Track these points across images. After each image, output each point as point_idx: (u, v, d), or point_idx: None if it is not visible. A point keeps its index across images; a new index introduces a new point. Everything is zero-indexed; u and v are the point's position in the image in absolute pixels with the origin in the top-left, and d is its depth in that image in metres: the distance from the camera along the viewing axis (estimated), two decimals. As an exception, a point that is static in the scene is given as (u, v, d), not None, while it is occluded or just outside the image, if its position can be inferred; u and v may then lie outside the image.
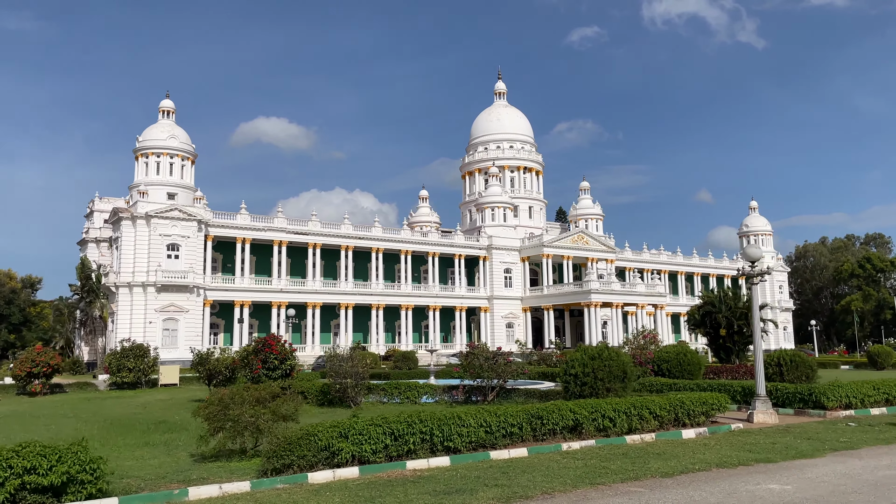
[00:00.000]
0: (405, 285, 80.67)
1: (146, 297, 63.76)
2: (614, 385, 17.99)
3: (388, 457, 12.81)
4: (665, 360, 26.71)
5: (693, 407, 17.27)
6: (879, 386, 22.22)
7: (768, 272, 20.91)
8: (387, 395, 24.64)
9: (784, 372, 23.62)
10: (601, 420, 15.62)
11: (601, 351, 18.38)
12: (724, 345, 43.15)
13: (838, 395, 20.89)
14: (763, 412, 19.44)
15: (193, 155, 69.82)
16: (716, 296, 43.85)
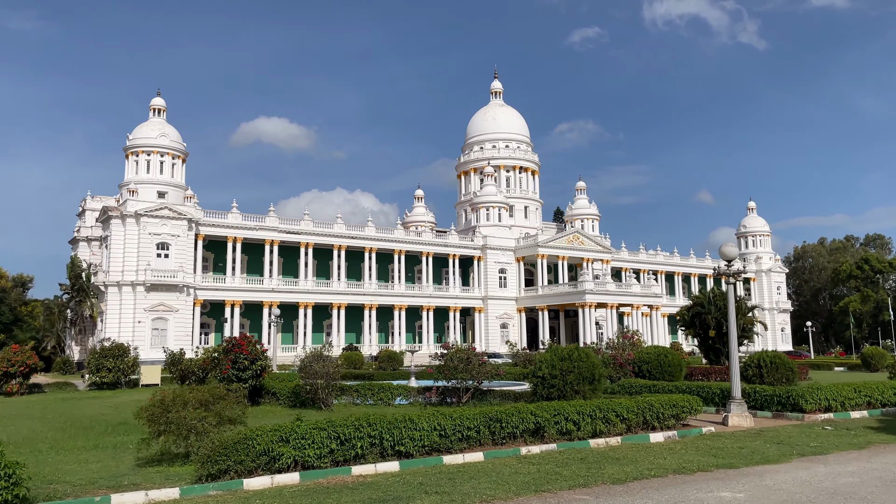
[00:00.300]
0: (398, 285, 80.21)
1: (135, 296, 63.33)
2: (582, 387, 17.50)
3: (334, 462, 12.33)
4: (645, 361, 26.20)
5: (662, 410, 16.78)
6: (860, 388, 21.72)
7: (744, 271, 20.45)
8: (360, 396, 24.15)
9: (764, 374, 23.13)
10: (564, 423, 15.13)
11: (570, 352, 17.90)
12: (713, 346, 42.57)
13: (817, 397, 20.39)
14: (738, 415, 18.95)
15: (184, 153, 69.39)
16: (705, 296, 43.26)
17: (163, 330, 64.27)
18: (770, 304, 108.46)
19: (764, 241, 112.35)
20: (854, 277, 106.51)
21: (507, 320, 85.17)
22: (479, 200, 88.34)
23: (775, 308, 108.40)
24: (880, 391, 22.19)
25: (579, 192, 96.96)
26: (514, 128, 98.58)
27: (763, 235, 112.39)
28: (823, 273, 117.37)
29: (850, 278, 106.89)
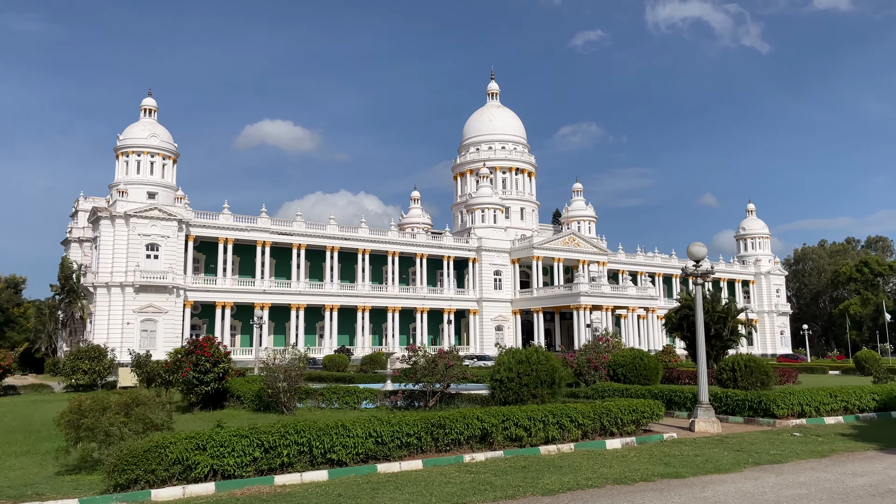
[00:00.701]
0: (392, 287, 79.64)
1: (124, 297, 62.88)
2: (540, 391, 16.87)
3: (258, 471, 11.74)
4: (620, 364, 25.55)
5: (621, 415, 16.15)
6: (837, 393, 21.05)
7: (712, 272, 19.76)
8: (325, 400, 23.55)
9: (738, 378, 22.47)
10: (513, 429, 14.50)
11: (529, 355, 17.26)
12: (701, 349, 41.88)
13: (789, 403, 19.73)
14: (705, 421, 18.31)
15: (175, 154, 68.93)
16: (693, 298, 42.48)
17: (152, 331, 63.80)
18: (769, 307, 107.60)
19: (763, 243, 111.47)
20: (854, 280, 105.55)
21: (502, 322, 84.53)
22: (474, 202, 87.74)
23: (774, 311, 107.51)
24: (857, 396, 21.51)
25: (576, 194, 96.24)
26: (511, 129, 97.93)
27: (762, 238, 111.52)
28: (824, 276, 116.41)
29: (850, 281, 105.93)
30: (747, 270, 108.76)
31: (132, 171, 66.25)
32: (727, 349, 42.48)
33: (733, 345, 42.53)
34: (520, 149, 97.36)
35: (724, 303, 41.87)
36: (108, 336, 61.25)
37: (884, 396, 22.17)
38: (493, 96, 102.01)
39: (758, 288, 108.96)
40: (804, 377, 47.56)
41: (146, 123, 68.33)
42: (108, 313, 62.76)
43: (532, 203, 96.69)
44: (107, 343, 58.77)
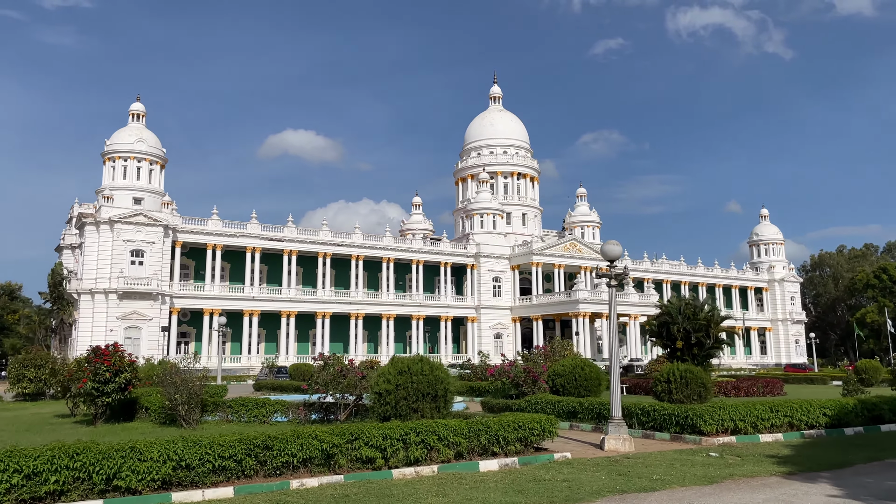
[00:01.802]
0: (386, 294, 78.10)
1: (108, 304, 61.95)
2: (422, 405, 15.10)
3: (18, 501, 10.13)
4: (559, 374, 23.67)
5: (504, 433, 14.35)
6: (779, 408, 19.03)
7: (626, 272, 17.90)
8: (234, 413, 21.96)
9: (673, 390, 20.51)
10: (364, 450, 12.76)
11: (412, 364, 15.53)
12: (681, 357, 39.77)
13: (718, 418, 17.78)
14: (615, 438, 16.44)
15: (163, 159, 68.01)
16: (674, 305, 40.42)
17: (136, 339, 62.67)
18: (783, 315, 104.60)
19: (777, 249, 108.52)
20: (871, 287, 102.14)
21: (502, 330, 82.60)
22: (473, 207, 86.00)
23: (789, 319, 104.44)
24: (805, 411, 19.48)
25: (580, 199, 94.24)
26: (513, 133, 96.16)
27: (776, 244, 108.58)
28: (841, 283, 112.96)
29: (868, 288, 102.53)
30: (760, 277, 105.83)
31: (118, 177, 65.42)
32: (710, 358, 40.39)
33: (716, 353, 40.37)
34: (522, 153, 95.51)
35: (706, 310, 39.71)
36: (91, 343, 60.01)
37: (836, 412, 20.12)
38: (496, 100, 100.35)
39: (771, 295, 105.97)
40: (799, 388, 45.09)
41: (133, 128, 67.49)
42: (91, 320, 61.86)
43: (534, 209, 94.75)
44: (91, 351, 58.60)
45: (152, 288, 62.82)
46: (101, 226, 62.92)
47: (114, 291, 61.76)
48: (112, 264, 62.42)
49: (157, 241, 64.19)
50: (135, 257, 63.50)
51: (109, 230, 62.91)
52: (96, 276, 62.38)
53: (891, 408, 21.50)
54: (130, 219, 63.19)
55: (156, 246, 64.19)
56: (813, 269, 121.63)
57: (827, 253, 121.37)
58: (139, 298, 62.70)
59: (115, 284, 61.74)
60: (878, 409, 21.17)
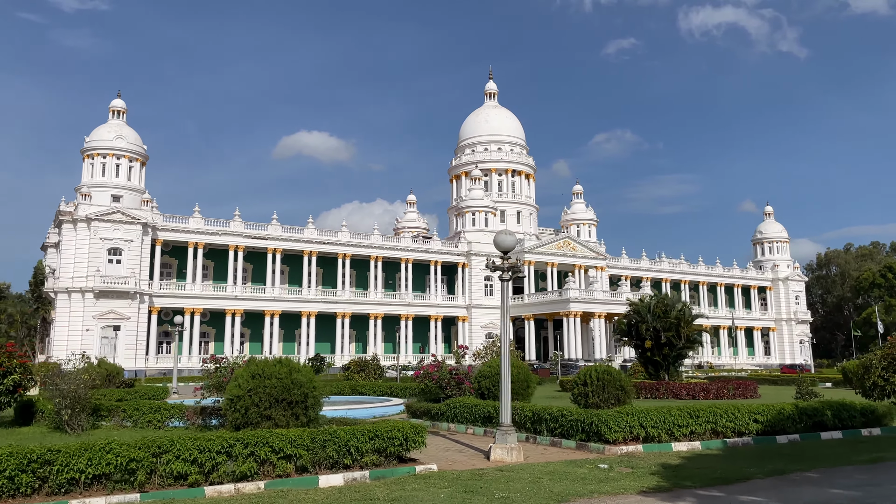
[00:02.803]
0: (374, 293, 76.75)
1: (84, 303, 61.00)
2: (275, 412, 13.63)
3: None
4: (485, 376, 22.09)
5: (357, 443, 12.83)
6: (700, 413, 17.38)
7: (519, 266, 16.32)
8: (129, 417, 20.57)
9: (589, 393, 18.90)
10: (176, 464, 11.29)
11: (267, 366, 14.08)
12: (651, 358, 38.13)
13: (625, 425, 16.19)
14: (501, 447, 14.91)
15: (144, 156, 67.03)
16: (643, 303, 38.74)
17: (113, 339, 61.80)
18: (787, 315, 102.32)
19: (782, 247, 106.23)
20: (878, 286, 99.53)
21: (493, 330, 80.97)
22: (464, 205, 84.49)
23: (793, 319, 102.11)
24: (731, 417, 17.81)
25: (576, 196, 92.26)
26: (508, 130, 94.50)
27: (781, 242, 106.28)
28: (848, 281, 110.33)
29: (874, 287, 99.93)
30: (764, 276, 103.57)
31: (97, 174, 64.53)
32: (682, 358, 38.70)
33: (688, 354, 38.64)
34: (517, 150, 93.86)
35: (677, 308, 37.99)
36: (67, 343, 59.45)
37: (770, 418, 18.42)
38: (491, 96, 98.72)
39: (775, 294, 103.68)
40: (780, 391, 42.93)
41: (113, 125, 66.55)
42: (68, 320, 60.99)
43: (530, 206, 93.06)
44: (67, 350, 57.69)
45: (130, 287, 61.82)
46: (79, 224, 62.02)
47: (90, 290, 60.84)
48: (89, 263, 61.51)
49: (135, 240, 63.18)
50: (112, 256, 62.55)
51: (87, 228, 62.00)
52: (73, 274, 61.50)
53: (835, 413, 19.78)
54: (108, 216, 62.23)
55: (134, 244, 63.19)
56: (820, 268, 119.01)
57: (834, 251, 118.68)
58: (116, 297, 61.73)
59: (91, 283, 60.81)
60: (819, 414, 19.45)
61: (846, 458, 15.35)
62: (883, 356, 25.66)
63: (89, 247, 61.85)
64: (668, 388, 35.63)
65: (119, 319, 61.82)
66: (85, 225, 61.96)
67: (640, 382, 37.45)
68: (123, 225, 62.70)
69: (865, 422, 20.52)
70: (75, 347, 58.80)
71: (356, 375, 40.99)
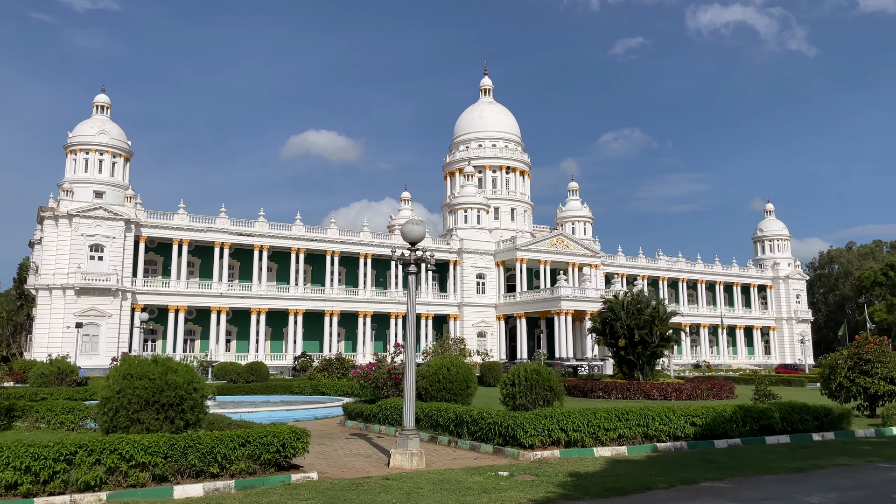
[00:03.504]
0: (364, 291, 75.76)
1: (65, 300, 60.28)
2: (146, 416, 12.60)
3: None
4: (422, 376, 21.00)
5: (225, 450, 11.81)
6: (630, 416, 16.29)
7: (427, 258, 15.26)
8: (42, 418, 19.63)
9: (516, 394, 17.81)
10: (6, 472, 10.29)
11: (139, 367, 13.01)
12: (625, 357, 36.98)
13: (543, 428, 15.13)
14: (402, 453, 13.87)
15: (128, 152, 66.27)
16: (617, 301, 37.59)
17: (94, 336, 61.07)
18: (788, 314, 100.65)
19: (783, 245, 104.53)
20: (879, 285, 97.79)
21: (485, 328, 79.90)
22: (456, 202, 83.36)
23: (794, 318, 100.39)
24: (664, 419, 16.72)
25: (571, 193, 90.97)
26: (502, 126, 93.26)
27: (781, 240, 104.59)
28: (850, 280, 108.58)
29: (875, 286, 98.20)
30: (764, 275, 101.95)
31: (80, 170, 63.78)
32: (657, 357, 37.52)
33: (663, 353, 37.46)
34: (512, 146, 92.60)
35: (652, 306, 36.82)
36: (48, 341, 58.86)
37: (708, 420, 17.31)
38: (486, 92, 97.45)
39: (775, 293, 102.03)
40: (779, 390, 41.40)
41: (96, 120, 65.80)
42: (49, 317, 60.27)
43: (525, 203, 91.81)
44: (47, 348, 57.05)
45: (111, 284, 61.07)
46: (60, 220, 61.35)
47: (71, 287, 60.11)
48: (70, 260, 60.79)
49: (117, 236, 62.39)
50: (94, 252, 61.77)
51: (68, 224, 61.32)
52: (54, 271, 60.78)
53: (784, 416, 18.65)
54: (89, 213, 61.48)
55: (116, 241, 62.39)
56: (822, 267, 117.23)
57: (836, 250, 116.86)
58: (98, 294, 60.96)
59: (72, 280, 60.06)
60: (766, 417, 18.33)
61: (777, 465, 14.25)
62: (849, 356, 24.54)
63: (70, 243, 61.14)
64: (639, 389, 34.51)
65: (100, 317, 61.07)
66: (66, 221, 61.27)
67: (612, 382, 36.39)
68: (105, 221, 61.94)
69: (819, 425, 19.41)
70: (56, 345, 58.36)
71: (319, 374, 39.97)
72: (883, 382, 23.37)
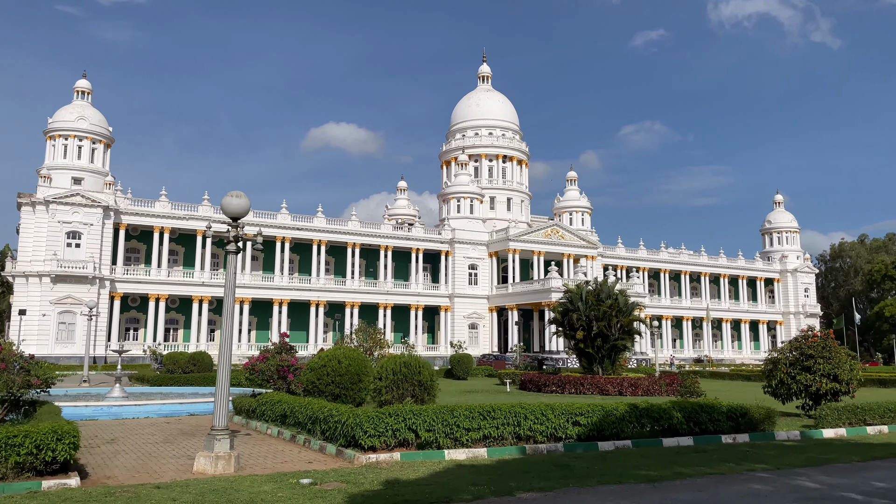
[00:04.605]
0: (352, 281, 74.39)
1: (42, 288, 59.53)
2: None
3: None
4: (311, 368, 19.39)
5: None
6: (495, 413, 14.61)
7: (251, 236, 13.69)
8: None
9: (383, 389, 16.18)
10: None
11: None
12: (584, 350, 35.20)
13: (386, 428, 13.50)
14: (206, 456, 12.32)
15: (108, 138, 65.35)
16: (575, 291, 35.80)
17: (70, 324, 60.34)
18: (795, 308, 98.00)
19: (791, 238, 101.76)
20: (891, 279, 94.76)
21: (477, 320, 78.23)
22: (449, 191, 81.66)
23: (801, 312, 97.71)
24: (540, 418, 15.00)
25: (570, 183, 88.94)
26: (500, 114, 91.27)
27: (790, 232, 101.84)
28: (861, 274, 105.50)
29: (886, 279, 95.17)
30: (771, 268, 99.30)
31: (58, 156, 62.96)
32: (618, 352, 35.66)
33: (624, 346, 35.61)
34: (509, 135, 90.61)
35: (613, 297, 35.00)
36: (24, 329, 58.00)
37: (595, 420, 15.59)
38: (485, 80, 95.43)
39: (783, 287, 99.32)
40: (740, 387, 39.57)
41: (76, 106, 64.87)
42: (26, 304, 59.47)
43: (521, 193, 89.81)
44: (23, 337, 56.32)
45: (88, 272, 60.25)
46: (38, 207, 60.64)
47: (47, 275, 59.34)
48: (47, 246, 60.03)
49: (95, 223, 61.52)
50: (71, 239, 60.98)
51: (45, 211, 60.59)
52: (31, 258, 60.11)
53: (688, 416, 16.87)
54: (66, 199, 60.65)
55: (94, 228, 61.53)
56: (832, 260, 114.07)
57: (848, 243, 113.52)
58: (74, 282, 60.16)
59: (48, 267, 59.27)
60: (666, 417, 16.57)
61: (642, 472, 12.49)
62: (791, 350, 22.63)
63: (48, 230, 60.41)
64: (592, 383, 32.85)
65: (77, 305, 60.11)
66: (44, 208, 60.53)
67: (568, 376, 34.74)
68: (83, 208, 61.08)
69: (735, 426, 17.60)
70: (32, 333, 57.74)
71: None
72: (825, 380, 21.42)
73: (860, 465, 13.71)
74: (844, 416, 19.48)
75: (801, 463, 13.80)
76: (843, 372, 21.42)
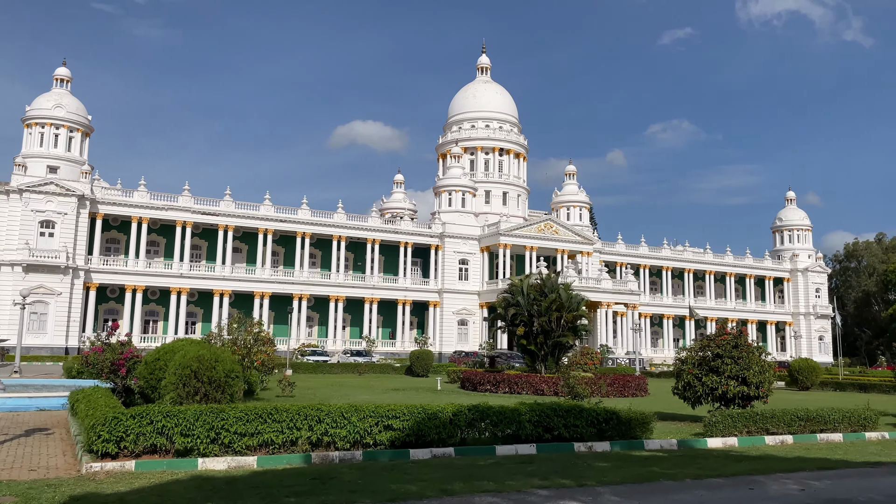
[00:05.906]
0: (337, 274, 72.81)
1: (14, 277, 58.71)
2: None
3: None
4: (145, 362, 17.66)
5: None
6: (280, 416, 12.71)
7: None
8: None
9: (169, 387, 14.33)
10: None
11: None
12: (526, 348, 33.18)
13: (121, 432, 11.69)
14: None
15: (87, 127, 64.45)
16: (517, 285, 33.77)
17: (42, 314, 59.49)
18: (806, 309, 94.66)
19: (803, 236, 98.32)
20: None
21: (467, 316, 76.29)
22: (441, 184, 79.70)
23: (812, 313, 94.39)
24: (339, 421, 13.07)
25: (568, 178, 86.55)
26: (498, 106, 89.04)
27: (802, 230, 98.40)
28: (876, 275, 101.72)
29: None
30: (781, 267, 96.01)
31: (35, 144, 62.14)
32: (563, 349, 33.57)
33: (570, 344, 33.49)
34: (506, 127, 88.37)
35: (557, 292, 32.93)
36: (-6, 317, 57.43)
37: (411, 423, 13.64)
38: (483, 71, 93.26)
39: (793, 286, 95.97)
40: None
41: (54, 94, 64.01)
42: (-2, 294, 58.78)
43: (518, 188, 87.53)
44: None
45: (61, 261, 59.35)
46: (12, 195, 59.88)
47: (18, 264, 58.53)
48: (20, 235, 59.24)
49: (69, 213, 60.61)
50: (45, 229, 60.19)
51: (19, 199, 59.75)
52: (4, 247, 59.34)
53: (537, 420, 14.88)
54: (40, 188, 59.82)
55: (69, 217, 60.64)
56: (846, 260, 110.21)
57: (863, 242, 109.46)
58: (47, 272, 59.31)
59: (19, 256, 58.48)
60: (509, 421, 14.58)
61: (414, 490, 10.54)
62: (700, 347, 20.49)
63: (21, 219, 59.60)
64: (528, 382, 30.90)
65: (49, 295, 59.36)
66: (18, 196, 59.72)
67: (506, 375, 32.82)
68: (57, 197, 60.20)
69: (599, 432, 15.56)
70: (3, 322, 57.05)
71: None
72: (733, 382, 19.28)
73: (682, 485, 11.59)
74: (740, 423, 17.31)
75: (619, 479, 11.71)
76: (752, 374, 19.27)
